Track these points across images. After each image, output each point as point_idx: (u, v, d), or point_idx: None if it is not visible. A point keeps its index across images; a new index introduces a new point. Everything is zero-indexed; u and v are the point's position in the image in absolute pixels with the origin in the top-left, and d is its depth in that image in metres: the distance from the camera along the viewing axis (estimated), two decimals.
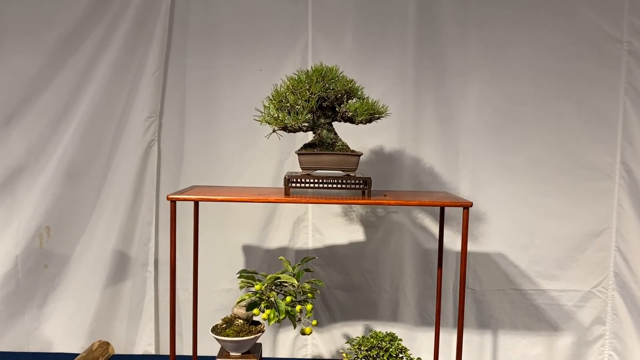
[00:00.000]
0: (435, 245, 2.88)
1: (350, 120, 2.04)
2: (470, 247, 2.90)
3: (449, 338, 2.94)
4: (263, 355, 2.91)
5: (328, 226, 2.91)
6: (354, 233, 2.92)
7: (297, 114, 1.94)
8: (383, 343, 2.11)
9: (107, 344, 2.84)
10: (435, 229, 2.88)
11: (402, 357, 2.13)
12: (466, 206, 1.96)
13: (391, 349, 2.09)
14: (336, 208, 2.91)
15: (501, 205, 2.88)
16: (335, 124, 2.19)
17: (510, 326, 2.95)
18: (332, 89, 1.98)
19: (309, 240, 2.93)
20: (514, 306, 2.93)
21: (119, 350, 2.90)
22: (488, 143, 2.86)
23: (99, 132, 2.82)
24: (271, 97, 1.99)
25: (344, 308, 2.94)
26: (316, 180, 2.05)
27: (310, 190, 2.08)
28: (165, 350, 2.94)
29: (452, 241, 2.90)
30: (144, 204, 2.87)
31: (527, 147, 2.86)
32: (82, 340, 2.85)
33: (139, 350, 2.93)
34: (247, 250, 2.91)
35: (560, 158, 2.86)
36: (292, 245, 2.92)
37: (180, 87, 2.85)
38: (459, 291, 2.07)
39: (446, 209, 2.84)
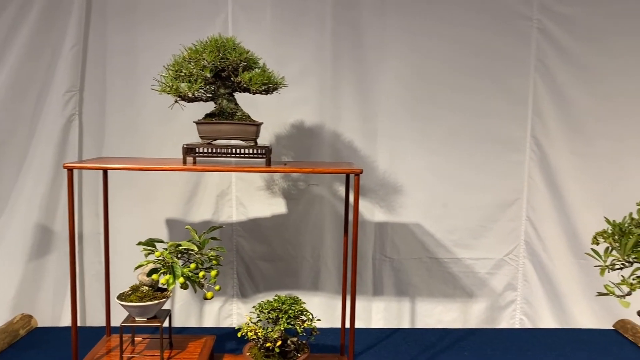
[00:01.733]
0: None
1: (247, 90, 2.09)
2: (387, 218, 3.02)
3: (367, 305, 3.06)
4: (190, 325, 3.00)
5: (251, 199, 2.98)
6: (277, 206, 2.99)
7: (194, 82, 1.98)
8: (284, 306, 2.20)
9: (30, 317, 2.87)
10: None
11: (302, 319, 2.21)
12: (356, 173, 2.05)
13: (290, 311, 2.17)
14: (259, 182, 2.97)
15: (418, 177, 2.99)
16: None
17: (427, 293, 3.08)
18: (228, 58, 2.02)
19: (232, 214, 2.99)
20: (431, 274, 3.06)
21: (44, 322, 2.94)
22: (405, 117, 2.95)
23: (18, 105, 2.82)
24: (166, 67, 2.03)
25: (267, 278, 3.03)
26: (216, 150, 2.10)
27: (211, 159, 2.14)
28: (92, 322, 2.98)
29: (370, 212, 3.00)
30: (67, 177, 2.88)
31: (442, 121, 2.96)
32: (5, 313, 2.86)
33: (65, 323, 2.96)
34: (171, 224, 2.96)
35: (474, 132, 2.97)
36: (216, 219, 2.98)
37: (100, 62, 2.85)
38: (351, 258, 2.16)
39: (364, 181, 2.97)
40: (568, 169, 2.99)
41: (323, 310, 3.00)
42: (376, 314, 3.06)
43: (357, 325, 3.02)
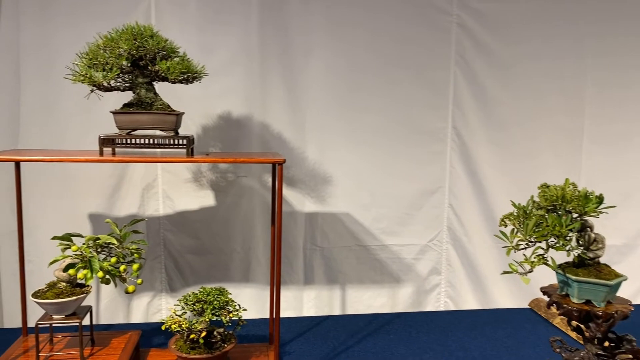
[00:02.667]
0: (287, 208, 3.02)
1: (166, 79, 2.05)
2: (317, 208, 3.06)
3: (298, 294, 3.10)
4: (117, 322, 2.92)
5: (179, 192, 2.93)
6: (205, 198, 2.96)
7: (109, 71, 1.92)
8: (209, 297, 2.19)
9: None
10: (284, 192, 3.00)
11: (228, 309, 2.21)
12: (280, 163, 2.07)
13: (215, 302, 2.17)
14: (186, 174, 2.92)
15: (347, 167, 3.06)
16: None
17: (357, 280, 3.16)
18: (146, 47, 1.98)
19: (159, 207, 2.93)
20: (360, 261, 3.15)
21: None
22: (333, 108, 3.00)
23: None
24: (80, 54, 1.95)
25: (196, 272, 3.00)
26: (136, 141, 2.05)
27: (133, 150, 2.09)
28: (10, 323, 2.83)
29: (301, 202, 3.04)
30: None
31: (369, 112, 3.04)
32: None
33: None
34: (94, 218, 2.86)
35: (399, 123, 3.07)
36: (142, 212, 2.91)
37: (13, 51, 2.69)
38: (276, 247, 2.17)
39: (294, 172, 2.99)
40: (486, 158, 3.16)
41: (254, 302, 3.01)
42: (307, 302, 3.11)
43: (289, 314, 3.08)
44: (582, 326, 1.95)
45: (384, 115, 3.06)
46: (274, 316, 2.22)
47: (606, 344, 1.90)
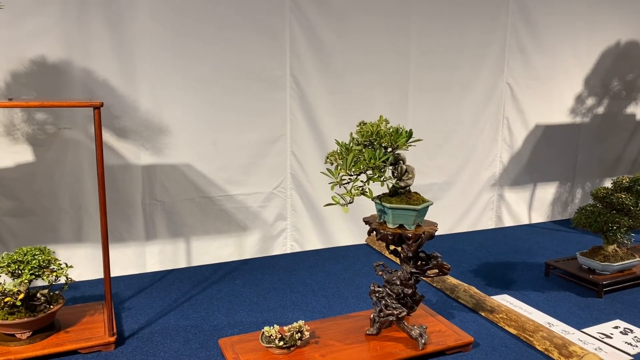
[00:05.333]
0: (118, 161, 2.84)
1: None
2: (155, 160, 2.93)
3: (140, 251, 2.98)
4: None
5: None
6: (21, 154, 2.65)
7: None
8: (26, 257, 2.00)
9: None
10: (116, 144, 2.82)
11: (52, 269, 2.05)
12: (96, 107, 1.92)
13: (34, 262, 1.99)
14: None
15: (184, 117, 2.95)
16: None
17: (203, 232, 3.13)
18: None
19: None
20: (205, 213, 3.11)
21: None
22: (165, 54, 2.84)
23: None
24: None
25: (18, 236, 2.70)
26: None
27: None
28: None
29: (136, 155, 2.88)
30: None
31: (205, 59, 2.94)
32: None
33: None
34: None
35: (238, 70, 3.03)
36: None
37: None
38: (100, 200, 2.04)
39: (126, 123, 2.82)
40: (324, 106, 3.29)
41: (89, 262, 2.83)
42: (151, 258, 3.01)
43: (131, 271, 2.96)
44: (398, 249, 2.17)
45: (222, 62, 2.99)
46: (106, 271, 2.10)
47: (419, 263, 2.15)
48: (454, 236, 3.77)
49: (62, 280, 2.16)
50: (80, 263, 2.82)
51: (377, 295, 2.18)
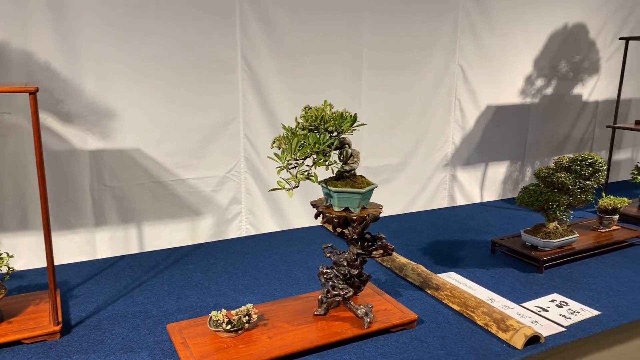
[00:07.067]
0: (64, 146, 2.77)
1: None
2: (103, 145, 2.87)
3: (90, 238, 2.93)
4: None
5: None
6: None
7: None
8: None
9: None
10: (60, 129, 2.74)
11: None
12: (31, 92, 1.85)
13: None
14: None
15: (132, 100, 2.88)
16: None
17: (155, 217, 3.10)
18: None
19: None
20: (156, 198, 3.07)
21: None
22: (111, 35, 2.76)
23: None
24: None
25: None
26: None
27: None
28: None
29: (82, 140, 2.81)
30: None
31: (153, 40, 2.87)
32: None
33: None
34: None
35: (189, 51, 2.97)
36: None
37: None
38: (39, 188, 1.99)
39: (71, 107, 2.75)
40: (277, 88, 3.27)
41: (35, 250, 2.77)
42: (101, 244, 2.96)
43: (81, 258, 2.92)
44: (345, 231, 2.21)
45: (171, 43, 2.92)
46: (49, 258, 2.06)
47: (365, 244, 2.20)
48: (407, 216, 3.85)
49: (4, 270, 2.11)
50: (25, 252, 2.75)
51: (325, 276, 2.22)
